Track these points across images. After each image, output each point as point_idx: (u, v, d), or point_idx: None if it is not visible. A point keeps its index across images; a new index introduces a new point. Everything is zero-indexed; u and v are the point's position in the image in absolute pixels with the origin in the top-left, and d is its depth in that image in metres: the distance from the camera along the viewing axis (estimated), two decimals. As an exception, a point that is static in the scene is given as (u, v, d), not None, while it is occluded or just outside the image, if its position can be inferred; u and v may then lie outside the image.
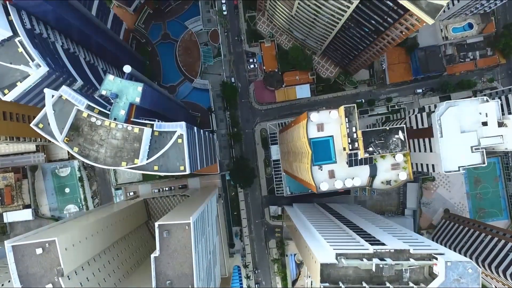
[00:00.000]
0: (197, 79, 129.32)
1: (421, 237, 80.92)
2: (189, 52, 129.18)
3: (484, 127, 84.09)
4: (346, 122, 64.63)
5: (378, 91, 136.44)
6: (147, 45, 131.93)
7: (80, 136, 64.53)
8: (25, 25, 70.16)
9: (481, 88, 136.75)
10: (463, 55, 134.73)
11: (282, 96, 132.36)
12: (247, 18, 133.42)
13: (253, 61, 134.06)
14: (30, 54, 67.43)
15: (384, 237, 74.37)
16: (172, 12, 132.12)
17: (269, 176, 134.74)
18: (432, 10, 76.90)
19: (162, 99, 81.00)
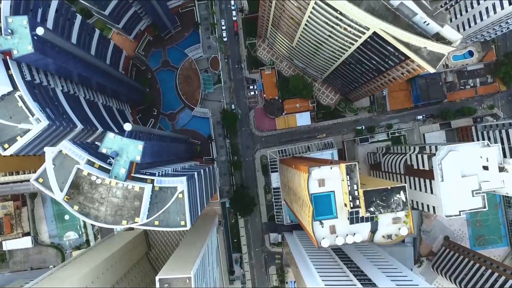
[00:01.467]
0: (197, 108, 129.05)
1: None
2: (189, 80, 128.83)
3: (485, 171, 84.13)
4: (348, 179, 64.44)
5: (378, 118, 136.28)
6: (147, 72, 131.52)
7: (81, 194, 64.29)
8: (25, 77, 69.84)
9: (481, 115, 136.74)
10: (464, 82, 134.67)
11: (282, 123, 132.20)
12: (248, 45, 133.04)
13: (253, 88, 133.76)
14: (30, 109, 67.09)
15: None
16: (172, 39, 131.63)
17: (269, 203, 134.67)
18: (433, 58, 76.64)
19: (162, 148, 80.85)
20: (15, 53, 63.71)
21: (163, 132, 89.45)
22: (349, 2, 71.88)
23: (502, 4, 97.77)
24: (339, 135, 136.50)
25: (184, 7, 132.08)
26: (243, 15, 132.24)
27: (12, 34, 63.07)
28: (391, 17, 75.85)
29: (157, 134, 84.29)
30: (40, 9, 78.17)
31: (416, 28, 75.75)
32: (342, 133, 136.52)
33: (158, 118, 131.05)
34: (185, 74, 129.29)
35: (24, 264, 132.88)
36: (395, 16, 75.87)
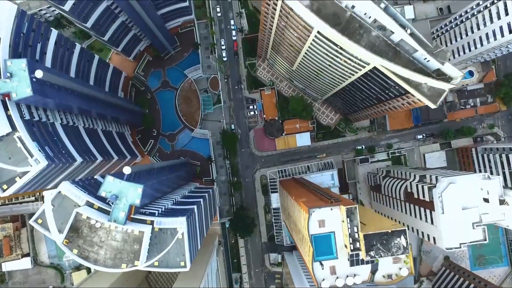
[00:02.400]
0: (197, 129, 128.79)
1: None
2: (188, 102, 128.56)
3: (485, 203, 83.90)
4: (348, 222, 64.19)
5: (378, 137, 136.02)
6: (146, 93, 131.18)
7: (80, 237, 64.00)
8: (23, 116, 69.53)
9: (482, 134, 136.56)
10: (464, 102, 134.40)
11: (282, 144, 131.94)
12: (247, 65, 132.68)
13: (253, 107, 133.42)
14: (29, 150, 66.76)
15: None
16: (171, 59, 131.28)
17: (269, 223, 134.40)
18: (434, 94, 76.45)
19: (162, 183, 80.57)
20: (14, 96, 63.40)
21: (163, 164, 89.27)
22: (349, 40, 71.55)
23: (503, 32, 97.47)
24: (339, 155, 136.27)
25: (184, 27, 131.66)
26: (243, 35, 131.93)
27: (11, 77, 62.75)
28: (391, 53, 75.62)
29: (157, 168, 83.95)
30: (39, 44, 77.98)
31: (417, 63, 75.55)
32: (342, 153, 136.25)
33: (157, 139, 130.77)
34: (185, 95, 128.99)
35: (23, 284, 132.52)
36: (395, 51, 75.63)
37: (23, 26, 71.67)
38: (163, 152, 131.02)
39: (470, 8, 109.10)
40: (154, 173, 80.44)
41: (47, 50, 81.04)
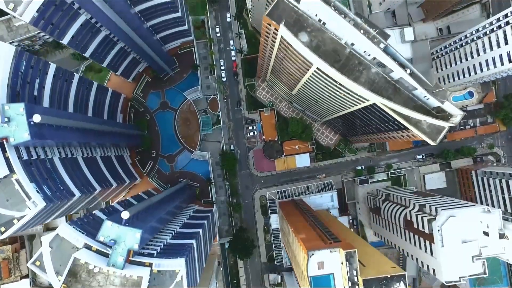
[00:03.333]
0: (196, 151, 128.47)
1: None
2: (188, 124, 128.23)
3: (485, 236, 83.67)
4: (347, 265, 63.95)
5: (378, 157, 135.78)
6: (145, 114, 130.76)
7: (78, 282, 63.68)
8: (21, 157, 69.18)
9: (482, 154, 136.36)
10: (464, 122, 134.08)
11: (281, 165, 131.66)
12: (247, 86, 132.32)
13: (252, 128, 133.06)
14: (26, 192, 66.42)
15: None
16: (170, 80, 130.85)
17: (268, 243, 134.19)
18: (433, 131, 76.22)
19: (162, 219, 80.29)
20: (12, 140, 63.04)
21: (161, 195, 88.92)
22: (349, 79, 71.22)
23: (502, 60, 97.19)
24: (338, 175, 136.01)
25: (183, 47, 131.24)
26: (242, 55, 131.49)
27: (8, 122, 62.34)
28: (391, 89, 75.39)
29: (155, 202, 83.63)
30: (38, 79, 77.64)
31: (417, 100, 75.33)
32: (341, 173, 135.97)
33: (157, 160, 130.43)
34: (184, 117, 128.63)
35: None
36: (395, 88, 75.40)
37: (21, 65, 71.35)
38: (162, 174, 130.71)
39: (469, 33, 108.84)
40: (153, 210, 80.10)
41: (46, 84, 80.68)
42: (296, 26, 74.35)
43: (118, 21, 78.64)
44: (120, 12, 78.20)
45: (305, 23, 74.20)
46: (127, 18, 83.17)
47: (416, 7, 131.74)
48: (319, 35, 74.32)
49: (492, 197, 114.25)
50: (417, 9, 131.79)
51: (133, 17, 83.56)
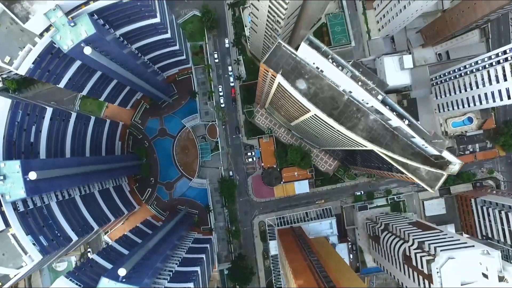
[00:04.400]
0: (195, 179, 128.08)
1: None
2: (186, 151, 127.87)
3: (484, 278, 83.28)
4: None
5: (377, 182, 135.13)
6: (144, 141, 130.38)
7: None
8: (18, 209, 68.84)
9: (481, 178, 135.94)
10: (463, 148, 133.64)
11: (280, 192, 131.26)
12: (245, 112, 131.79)
13: (251, 154, 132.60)
14: (23, 246, 66.17)
15: None
16: (169, 107, 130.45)
17: (267, 269, 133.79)
18: (432, 178, 75.80)
19: (161, 263, 79.99)
20: (8, 198, 62.74)
21: (160, 234, 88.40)
22: (346, 129, 70.79)
23: (501, 96, 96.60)
24: (337, 200, 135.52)
25: (181, 74, 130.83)
26: (241, 82, 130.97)
27: (4, 179, 61.99)
28: (389, 136, 74.92)
29: (153, 246, 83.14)
30: (34, 125, 77.26)
31: (415, 147, 74.86)
32: (340, 199, 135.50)
33: (155, 187, 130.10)
34: (182, 145, 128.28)
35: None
36: (393, 135, 74.95)
37: (17, 116, 71.09)
38: (161, 201, 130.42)
39: (469, 64, 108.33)
40: (151, 255, 79.66)
41: (42, 128, 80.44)
42: (294, 73, 73.87)
43: (113, 67, 78.21)
44: (115, 58, 77.73)
45: (303, 70, 73.74)
46: (123, 62, 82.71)
47: (415, 33, 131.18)
48: (317, 82, 73.85)
49: (491, 228, 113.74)
50: (416, 34, 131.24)
51: (128, 60, 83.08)
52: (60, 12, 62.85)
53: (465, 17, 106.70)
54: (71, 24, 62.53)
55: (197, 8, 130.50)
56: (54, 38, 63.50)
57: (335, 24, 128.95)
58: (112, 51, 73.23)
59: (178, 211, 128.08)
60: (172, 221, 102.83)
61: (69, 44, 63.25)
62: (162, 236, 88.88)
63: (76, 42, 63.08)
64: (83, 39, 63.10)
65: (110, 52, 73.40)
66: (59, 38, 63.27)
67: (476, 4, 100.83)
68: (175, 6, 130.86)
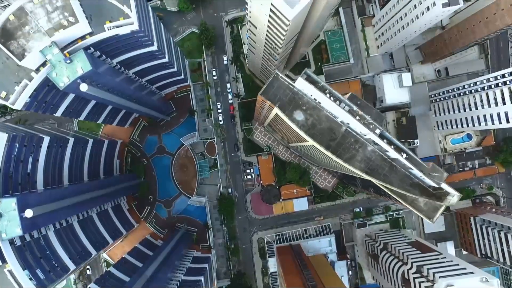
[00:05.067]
0: (193, 197, 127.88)
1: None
2: (185, 170, 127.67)
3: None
4: None
5: (376, 198, 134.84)
6: (142, 159, 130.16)
7: None
8: (14, 243, 68.59)
9: (480, 194, 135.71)
10: (462, 164, 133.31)
11: (279, 209, 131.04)
12: (244, 130, 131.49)
13: (250, 171, 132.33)
14: (19, 283, 65.91)
15: None
16: (167, 125, 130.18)
17: (266, 286, 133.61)
18: (430, 208, 75.57)
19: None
20: (4, 236, 62.59)
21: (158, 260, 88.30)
22: (344, 162, 70.56)
23: (500, 119, 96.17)
24: (336, 217, 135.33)
25: (180, 91, 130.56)
26: (239, 99, 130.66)
27: (0, 217, 61.76)
28: (387, 167, 74.62)
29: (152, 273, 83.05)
30: (31, 157, 77.04)
31: (413, 178, 74.51)
32: (340, 215, 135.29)
33: (154, 205, 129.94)
34: (181, 163, 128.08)
35: None
36: (391, 166, 74.63)
37: (14, 149, 70.87)
38: (160, 218, 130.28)
39: (467, 85, 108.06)
40: (151, 283, 79.50)
41: (40, 157, 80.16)
42: (291, 104, 73.63)
43: (109, 97, 77.96)
44: (112, 89, 77.49)
45: (301, 101, 73.49)
46: (120, 91, 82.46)
47: (414, 49, 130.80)
48: (315, 113, 73.58)
49: (491, 247, 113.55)
50: (415, 51, 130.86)
51: (125, 88, 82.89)
52: (56, 49, 62.56)
53: (464, 38, 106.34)
54: (67, 62, 62.23)
55: (196, 25, 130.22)
56: (50, 75, 63.22)
57: (334, 41, 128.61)
58: (109, 83, 72.96)
59: (177, 229, 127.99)
60: (171, 242, 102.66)
61: (65, 81, 63.01)
62: (161, 259, 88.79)
63: (72, 79, 62.83)
64: (79, 76, 62.86)
65: (107, 84, 73.09)
66: (55, 75, 63.01)
67: (475, 26, 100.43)
68: (173, 23, 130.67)
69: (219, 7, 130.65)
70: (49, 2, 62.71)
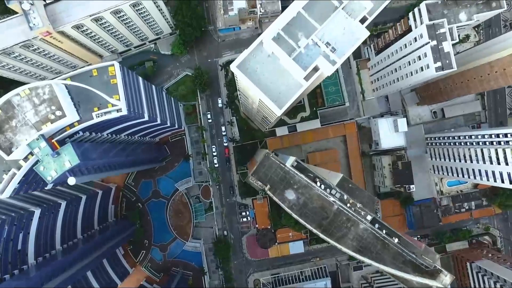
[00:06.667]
0: (188, 242, 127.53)
1: None
2: (180, 215, 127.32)
3: None
4: None
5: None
6: (137, 203, 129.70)
7: None
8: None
9: (477, 234, 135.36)
10: (459, 206, 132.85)
11: (275, 252, 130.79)
12: (239, 173, 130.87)
13: (246, 214, 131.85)
14: None
15: None
16: (162, 169, 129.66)
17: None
18: (423, 286, 74.99)
19: None
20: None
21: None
22: (335, 242, 70.15)
23: (502, 178, 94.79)
24: (333, 258, 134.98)
25: (174, 136, 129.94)
26: (234, 143, 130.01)
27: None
28: (380, 245, 74.23)
29: None
30: (22, 233, 76.55)
31: (406, 256, 74.03)
32: (336, 256, 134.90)
33: (149, 249, 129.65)
34: (176, 208, 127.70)
35: None
36: (384, 243, 74.26)
37: (3, 232, 70.41)
38: (155, 262, 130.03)
39: (463, 136, 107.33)
40: None
41: (31, 230, 79.72)
42: (283, 183, 73.20)
43: (100, 175, 77.56)
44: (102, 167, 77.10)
45: (292, 180, 73.03)
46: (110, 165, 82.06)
47: (410, 91, 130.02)
48: (306, 192, 73.13)
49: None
50: (411, 93, 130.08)
51: (116, 160, 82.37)
52: (44, 142, 62.03)
53: (459, 90, 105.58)
54: (54, 156, 61.71)
55: (190, 67, 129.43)
56: (37, 169, 62.75)
57: (329, 84, 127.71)
58: (99, 163, 72.44)
59: (172, 273, 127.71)
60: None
61: (52, 175, 62.50)
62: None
63: (60, 173, 62.33)
64: (67, 169, 62.36)
65: (97, 165, 72.61)
66: (42, 168, 62.51)
67: (470, 81, 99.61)
68: (167, 66, 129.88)
69: (214, 50, 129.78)
70: (36, 95, 62.06)
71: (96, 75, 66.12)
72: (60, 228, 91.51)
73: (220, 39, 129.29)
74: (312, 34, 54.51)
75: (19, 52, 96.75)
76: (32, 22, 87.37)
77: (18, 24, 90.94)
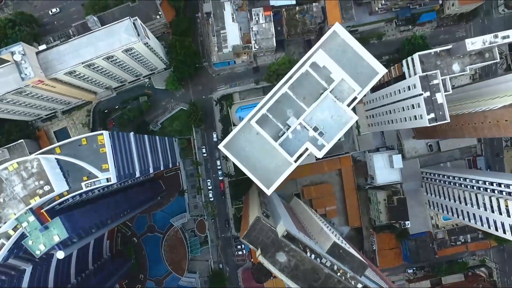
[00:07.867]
0: (184, 277, 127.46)
1: None
2: (175, 250, 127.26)
3: None
4: None
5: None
6: (132, 238, 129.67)
7: None
8: None
9: (473, 265, 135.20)
10: (454, 239, 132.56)
11: (271, 286, 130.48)
12: (234, 208, 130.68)
13: (241, 247, 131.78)
14: None
15: None
16: (157, 204, 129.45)
17: None
18: None
19: None
20: None
21: None
22: (327, 310, 69.93)
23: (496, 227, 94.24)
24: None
25: (169, 170, 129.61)
26: (229, 178, 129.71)
27: None
28: (371, 307, 73.84)
29: None
30: None
31: (397, 318, 73.81)
32: None
33: (145, 284, 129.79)
34: (171, 244, 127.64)
35: None
36: (375, 305, 73.87)
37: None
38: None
39: (459, 177, 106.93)
40: None
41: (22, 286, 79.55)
42: (274, 246, 72.79)
43: (92, 237, 77.40)
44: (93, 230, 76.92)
45: (283, 243, 72.59)
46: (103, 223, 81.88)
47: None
48: (298, 255, 72.70)
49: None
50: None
51: (108, 218, 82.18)
52: (32, 216, 61.79)
53: (454, 132, 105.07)
54: (42, 232, 61.48)
55: (185, 102, 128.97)
56: (25, 243, 62.56)
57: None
58: (91, 228, 72.22)
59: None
60: None
61: (41, 249, 62.37)
62: None
63: (49, 247, 62.19)
64: (56, 243, 62.19)
65: (88, 230, 72.44)
66: (31, 242, 62.37)
67: (464, 126, 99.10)
68: (161, 101, 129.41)
69: (208, 84, 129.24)
70: (24, 169, 61.79)
71: (85, 144, 65.87)
72: (53, 277, 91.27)
73: (214, 73, 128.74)
74: (300, 114, 54.04)
75: (11, 98, 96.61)
76: (24, 72, 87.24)
77: (9, 73, 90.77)
